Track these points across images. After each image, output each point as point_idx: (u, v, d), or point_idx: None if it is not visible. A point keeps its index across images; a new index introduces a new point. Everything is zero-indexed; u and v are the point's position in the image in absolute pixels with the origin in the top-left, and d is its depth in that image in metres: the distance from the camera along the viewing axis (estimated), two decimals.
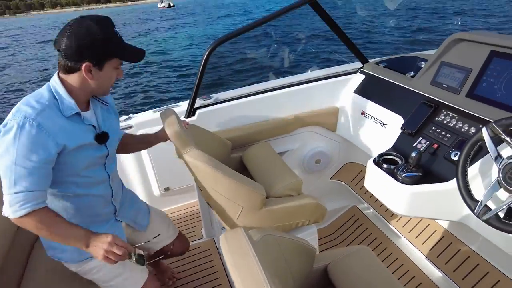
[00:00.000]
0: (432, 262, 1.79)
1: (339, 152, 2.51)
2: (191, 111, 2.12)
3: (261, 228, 1.14)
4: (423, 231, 1.93)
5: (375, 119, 1.95)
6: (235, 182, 1.40)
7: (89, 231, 1.19)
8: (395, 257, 2.06)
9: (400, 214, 1.49)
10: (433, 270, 1.82)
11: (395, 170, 1.48)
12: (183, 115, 2.13)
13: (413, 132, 1.63)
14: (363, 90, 2.14)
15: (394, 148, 1.68)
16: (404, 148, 1.62)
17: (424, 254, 1.85)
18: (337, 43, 2.28)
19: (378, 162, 1.57)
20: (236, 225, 1.52)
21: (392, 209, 1.51)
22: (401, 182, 1.42)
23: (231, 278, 0.77)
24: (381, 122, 1.91)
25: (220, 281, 1.97)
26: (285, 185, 1.66)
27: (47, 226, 1.11)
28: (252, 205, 1.48)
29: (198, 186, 1.83)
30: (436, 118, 1.61)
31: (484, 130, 1.19)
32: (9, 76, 16.19)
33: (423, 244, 1.89)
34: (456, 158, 1.34)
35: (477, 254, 1.68)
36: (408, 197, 1.41)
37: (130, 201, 1.61)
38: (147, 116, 2.19)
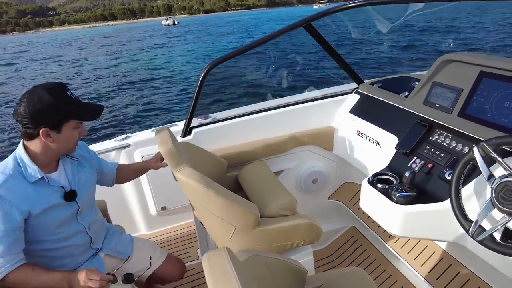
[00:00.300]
0: (431, 285, 1.73)
1: (336, 172, 2.50)
2: (187, 130, 2.14)
3: (253, 250, 1.10)
4: (422, 253, 1.89)
5: (371, 139, 1.95)
6: (228, 201, 1.38)
7: (66, 273, 1.25)
8: (394, 279, 2.00)
9: (395, 234, 1.46)
10: None
11: (390, 190, 1.47)
12: (180, 134, 2.14)
13: (408, 152, 1.63)
14: (358, 110, 2.15)
15: (389, 168, 1.67)
16: (399, 168, 1.61)
17: (423, 276, 1.79)
18: (333, 64, 2.31)
19: (373, 182, 1.55)
20: (229, 245, 1.48)
21: (387, 229, 1.48)
22: (395, 202, 1.41)
23: None
24: (376, 142, 1.90)
25: None
26: (279, 205, 1.63)
27: (26, 282, 1.19)
28: (245, 225, 1.44)
29: (191, 205, 1.80)
30: (430, 138, 1.61)
31: (476, 150, 1.19)
32: (9, 91, 16.71)
33: (422, 266, 1.83)
34: (450, 178, 1.33)
35: (477, 277, 1.63)
36: (402, 217, 1.39)
37: (113, 235, 1.63)
38: (145, 135, 2.22)
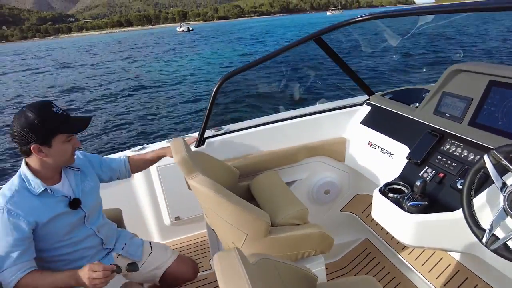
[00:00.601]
0: None
1: (349, 183, 2.50)
2: (201, 140, 2.19)
3: (263, 254, 1.13)
4: (437, 265, 1.86)
5: (382, 149, 1.97)
6: (239, 209, 1.41)
7: (72, 271, 1.31)
8: None
9: (407, 244, 1.45)
10: None
11: (401, 199, 1.47)
12: (193, 145, 2.20)
13: (419, 162, 1.63)
14: (370, 121, 2.17)
15: (401, 178, 1.67)
16: (411, 178, 1.61)
17: None
18: (344, 77, 2.34)
19: (384, 192, 1.56)
20: None
21: (399, 239, 1.48)
22: (407, 211, 1.40)
23: None
24: (388, 152, 1.92)
25: None
26: (291, 214, 1.66)
27: (36, 285, 1.26)
28: (257, 233, 1.47)
29: (204, 213, 1.85)
30: (441, 147, 1.61)
31: (486, 158, 1.19)
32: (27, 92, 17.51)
33: (437, 279, 1.81)
34: (461, 187, 1.33)
35: None
36: (414, 226, 1.39)
37: (124, 237, 1.71)
38: (160, 146, 2.27)
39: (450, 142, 1.59)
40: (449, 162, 1.52)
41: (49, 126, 1.28)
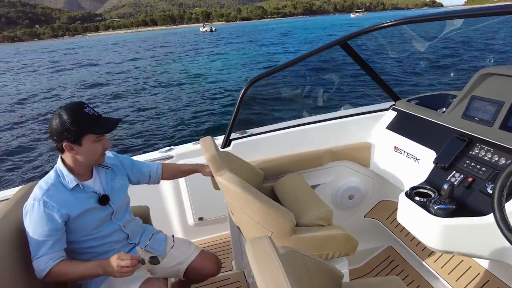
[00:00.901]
0: None
1: (373, 189, 2.48)
2: (227, 142, 2.25)
3: (290, 247, 1.15)
4: (465, 274, 1.81)
5: (408, 154, 1.96)
6: (266, 206, 1.45)
7: (99, 260, 1.38)
8: None
9: (433, 248, 1.44)
10: None
11: (428, 203, 1.46)
12: (220, 146, 2.26)
13: (446, 166, 1.62)
14: (395, 126, 2.17)
15: (427, 182, 1.66)
16: (437, 182, 1.60)
17: None
18: (368, 83, 2.34)
19: (410, 195, 1.55)
20: None
21: (425, 243, 1.47)
22: (434, 214, 1.39)
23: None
24: (414, 157, 1.91)
25: None
26: (315, 214, 1.68)
27: (66, 273, 1.35)
28: (282, 231, 1.51)
29: (230, 211, 1.90)
30: (470, 152, 1.60)
31: None
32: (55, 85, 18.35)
33: None
34: (492, 191, 1.30)
35: None
36: (441, 230, 1.37)
37: (149, 233, 1.77)
38: (187, 148, 2.36)
39: (480, 147, 1.57)
40: (478, 167, 1.51)
41: (80, 126, 1.35)
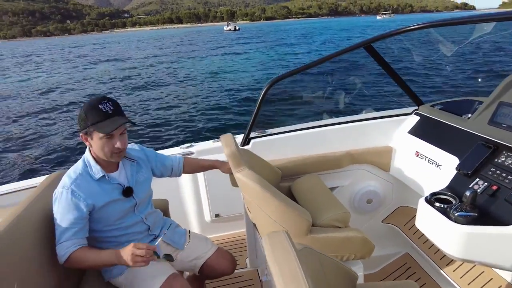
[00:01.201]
0: None
1: (393, 194, 2.45)
2: (247, 140, 2.27)
3: (306, 245, 1.15)
4: (485, 286, 1.75)
5: (430, 160, 1.92)
6: (282, 205, 1.46)
7: (115, 250, 1.38)
8: None
9: (452, 256, 1.41)
10: None
11: (448, 209, 1.43)
12: (239, 144, 2.28)
13: (469, 173, 1.58)
14: (418, 131, 2.13)
15: (449, 189, 1.63)
16: (459, 189, 1.56)
17: None
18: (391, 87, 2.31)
19: (430, 201, 1.52)
20: None
21: (444, 250, 1.44)
22: (454, 221, 1.36)
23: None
24: (436, 163, 1.87)
25: None
26: (332, 216, 1.68)
27: (84, 259, 1.38)
28: (298, 230, 1.51)
29: (247, 208, 1.92)
30: (496, 160, 1.55)
31: None
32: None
33: None
34: None
35: None
36: (462, 238, 1.34)
37: (169, 226, 1.81)
38: (207, 145, 2.41)
39: (506, 154, 1.53)
40: (504, 175, 1.46)
41: (88, 120, 1.37)
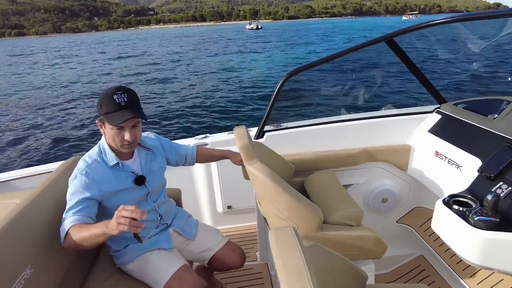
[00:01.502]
0: None
1: (409, 194, 2.38)
2: (261, 133, 2.25)
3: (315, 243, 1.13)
4: None
5: (450, 161, 1.84)
6: (294, 200, 1.43)
7: (107, 220, 1.30)
8: None
9: (470, 262, 1.34)
10: None
11: (467, 213, 1.36)
12: (253, 137, 2.27)
13: (492, 176, 1.50)
14: (439, 130, 2.05)
15: (469, 191, 1.55)
16: (480, 192, 1.49)
17: None
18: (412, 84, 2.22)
19: (448, 203, 1.45)
20: None
21: (461, 255, 1.37)
22: (473, 226, 1.30)
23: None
24: (456, 164, 1.79)
25: None
26: (345, 213, 1.64)
27: (80, 237, 1.29)
28: (308, 226, 1.48)
29: (258, 201, 1.90)
30: None
31: None
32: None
33: None
34: None
35: None
36: (480, 243, 1.28)
37: (181, 216, 1.81)
38: (222, 137, 2.41)
39: None
40: None
41: (102, 110, 1.38)
